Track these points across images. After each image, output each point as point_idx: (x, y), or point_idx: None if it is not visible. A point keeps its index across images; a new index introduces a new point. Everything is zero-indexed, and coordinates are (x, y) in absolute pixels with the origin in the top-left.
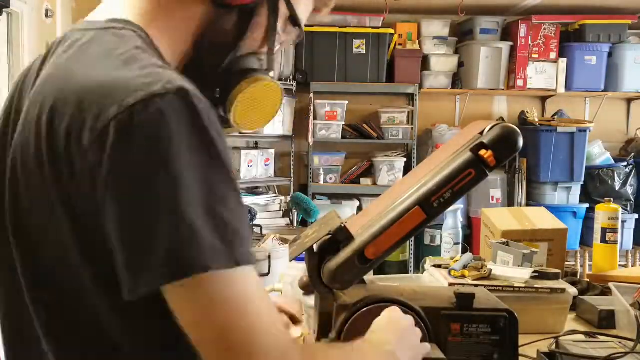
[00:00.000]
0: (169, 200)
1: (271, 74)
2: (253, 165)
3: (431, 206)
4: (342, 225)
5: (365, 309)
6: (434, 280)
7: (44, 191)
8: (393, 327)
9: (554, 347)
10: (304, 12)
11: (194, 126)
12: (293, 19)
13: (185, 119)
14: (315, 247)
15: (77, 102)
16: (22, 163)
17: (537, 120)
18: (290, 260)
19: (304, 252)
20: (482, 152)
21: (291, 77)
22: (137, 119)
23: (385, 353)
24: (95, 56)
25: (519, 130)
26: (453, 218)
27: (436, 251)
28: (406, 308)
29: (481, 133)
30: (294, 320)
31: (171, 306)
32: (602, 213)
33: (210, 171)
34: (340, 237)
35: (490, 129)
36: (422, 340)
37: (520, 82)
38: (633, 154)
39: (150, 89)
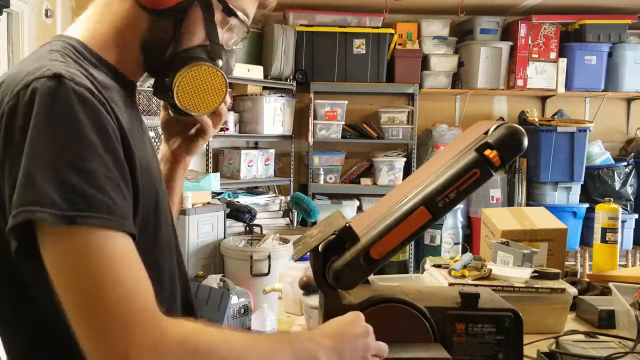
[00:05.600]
0: (25, 164)
1: (219, 62)
2: (253, 165)
3: (436, 206)
4: (347, 225)
5: (370, 309)
6: (434, 280)
7: None
8: (338, 331)
9: (554, 347)
10: (245, 4)
11: (59, 105)
12: (227, 10)
13: (52, 98)
14: (320, 247)
15: None
16: None
17: (537, 120)
18: (296, 261)
19: (309, 252)
20: (487, 152)
21: (291, 77)
22: (19, 101)
23: (303, 350)
24: (22, 61)
25: (523, 130)
26: (453, 218)
27: (436, 251)
28: (411, 308)
29: (486, 133)
30: None
31: None
32: (602, 213)
33: (66, 143)
34: (346, 237)
35: (495, 129)
36: (426, 340)
37: (520, 82)
38: (633, 154)
39: (31, 76)
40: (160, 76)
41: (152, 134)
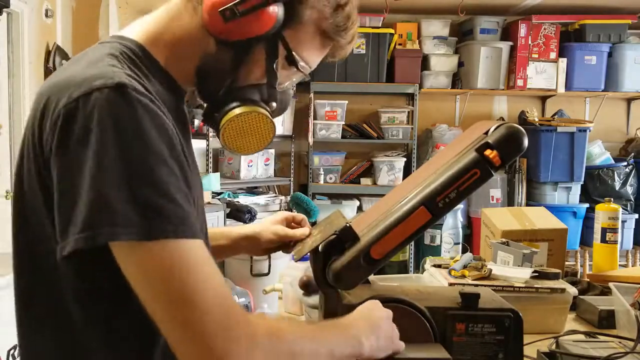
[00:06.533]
0: (91, 180)
1: (273, 105)
2: (253, 165)
3: (436, 206)
4: (348, 225)
5: None
6: (434, 280)
7: (30, 166)
8: (367, 315)
9: (554, 347)
10: (310, 55)
11: (125, 117)
12: (289, 59)
13: (117, 109)
14: (320, 247)
15: (47, 97)
16: (24, 147)
17: (537, 120)
18: (296, 261)
19: (309, 252)
20: (487, 152)
21: None
22: (78, 109)
23: (351, 337)
24: (76, 61)
25: (523, 130)
26: (453, 218)
27: (436, 251)
28: (411, 308)
29: (486, 133)
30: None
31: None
32: (602, 213)
33: (135, 155)
34: (346, 237)
35: (495, 129)
36: (426, 340)
37: (520, 82)
38: (633, 154)
39: (92, 83)
40: (211, 106)
41: None
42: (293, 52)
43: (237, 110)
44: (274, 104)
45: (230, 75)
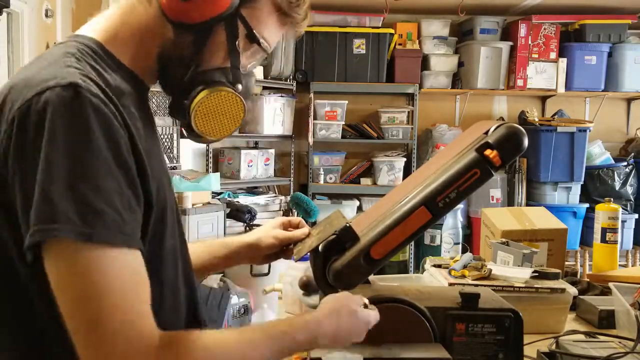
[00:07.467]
0: (40, 179)
1: (239, 87)
2: (253, 165)
3: (436, 206)
4: (348, 225)
5: None
6: (434, 280)
7: None
8: (333, 308)
9: (554, 347)
10: (269, 33)
11: (74, 118)
12: (250, 37)
13: (66, 109)
14: (320, 247)
15: (2, 100)
16: None
17: (537, 120)
18: (296, 261)
19: (309, 252)
20: (488, 152)
21: (291, 77)
22: (31, 108)
23: (281, 333)
24: (34, 62)
25: (524, 130)
26: (453, 218)
27: (436, 251)
28: (412, 308)
29: (486, 133)
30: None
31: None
32: (602, 213)
33: (80, 158)
34: (346, 237)
35: (495, 129)
36: (426, 340)
37: (520, 82)
38: (633, 154)
39: (45, 84)
40: (177, 96)
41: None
42: (253, 30)
43: (206, 92)
44: (239, 86)
45: (193, 60)
